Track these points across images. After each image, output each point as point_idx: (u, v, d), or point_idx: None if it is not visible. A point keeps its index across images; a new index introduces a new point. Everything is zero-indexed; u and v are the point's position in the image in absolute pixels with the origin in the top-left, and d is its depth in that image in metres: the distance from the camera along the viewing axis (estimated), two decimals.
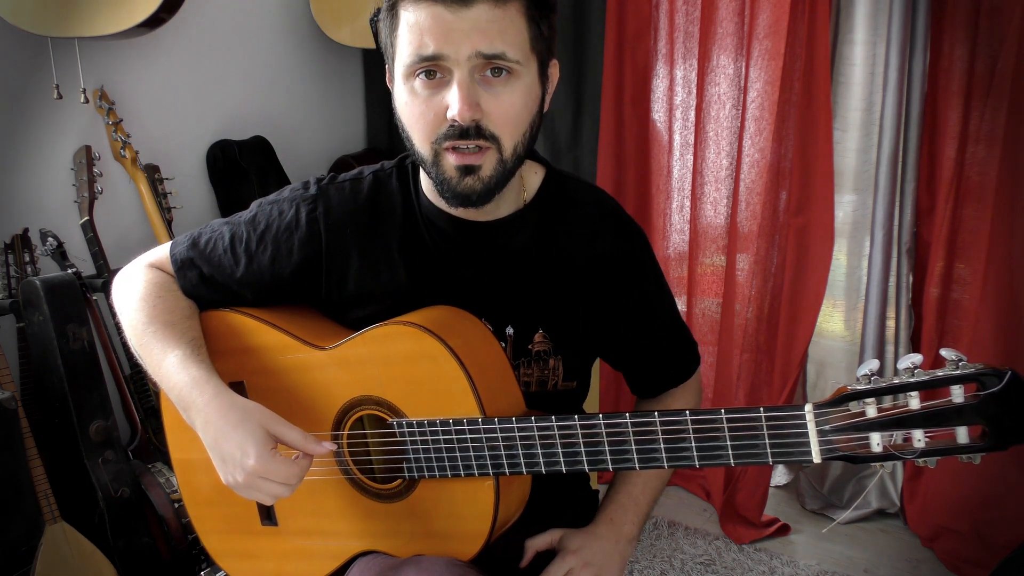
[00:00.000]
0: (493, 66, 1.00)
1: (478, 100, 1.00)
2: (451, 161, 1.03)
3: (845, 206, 2.46)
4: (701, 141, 2.58)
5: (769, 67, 2.36)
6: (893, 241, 2.38)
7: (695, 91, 2.57)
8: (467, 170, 1.03)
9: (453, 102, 0.99)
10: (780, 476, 2.77)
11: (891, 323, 2.45)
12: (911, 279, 2.41)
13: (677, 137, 2.67)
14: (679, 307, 1.31)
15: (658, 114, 2.67)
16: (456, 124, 1.00)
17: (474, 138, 1.01)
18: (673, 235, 2.74)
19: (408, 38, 1.00)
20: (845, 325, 2.60)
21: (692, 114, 2.60)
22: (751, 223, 2.48)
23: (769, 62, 2.35)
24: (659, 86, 2.65)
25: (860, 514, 2.55)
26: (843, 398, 0.86)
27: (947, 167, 2.22)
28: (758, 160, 2.44)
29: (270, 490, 1.03)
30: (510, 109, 1.02)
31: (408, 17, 1.00)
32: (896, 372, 0.84)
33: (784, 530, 2.51)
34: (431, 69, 1.00)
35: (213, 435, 1.05)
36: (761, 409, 0.90)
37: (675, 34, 2.58)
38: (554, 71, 1.11)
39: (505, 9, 0.99)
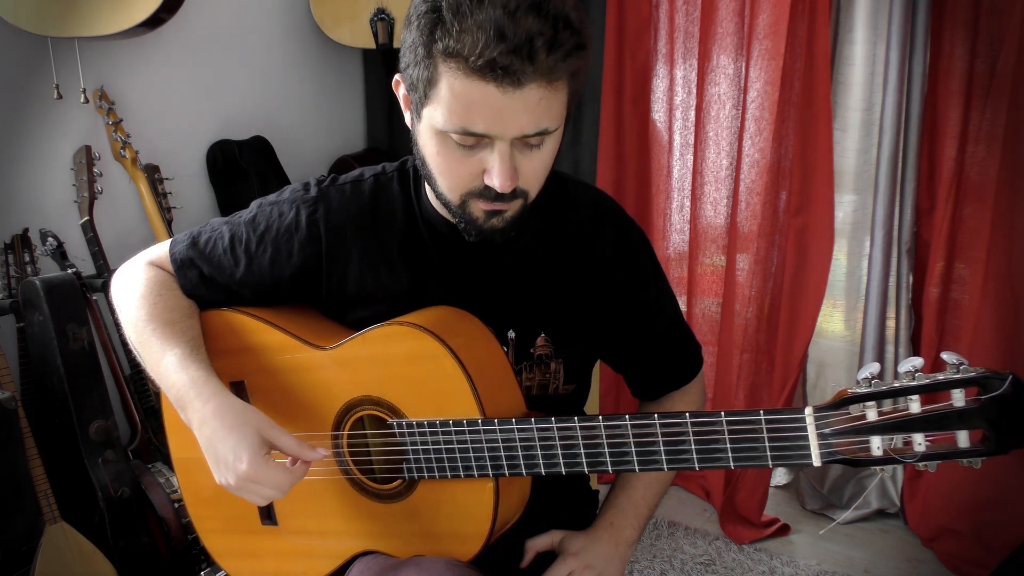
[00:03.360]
0: (535, 137, 0.99)
1: (517, 167, 1.00)
2: (480, 206, 1.04)
3: (845, 206, 2.46)
4: (701, 141, 2.58)
5: (769, 67, 2.35)
6: (893, 241, 2.38)
7: (695, 91, 2.57)
8: (494, 213, 1.05)
9: (494, 173, 0.99)
10: (780, 476, 2.77)
11: (891, 323, 2.45)
12: (911, 279, 2.41)
13: (677, 137, 2.67)
14: (679, 307, 1.31)
15: (658, 114, 2.67)
16: (493, 189, 1.00)
17: (508, 200, 1.03)
18: (673, 235, 2.74)
19: (452, 106, 0.96)
20: (845, 325, 2.60)
21: (692, 114, 2.60)
22: (751, 223, 2.48)
23: (769, 62, 2.35)
24: (659, 86, 2.65)
25: (860, 514, 2.55)
26: (843, 401, 0.86)
27: (947, 167, 2.22)
28: (758, 160, 2.44)
29: (262, 492, 1.03)
30: (541, 167, 1.03)
31: (453, 83, 0.94)
32: (897, 375, 0.84)
33: (784, 530, 2.51)
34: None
35: (208, 436, 1.05)
36: (761, 412, 0.89)
37: (675, 34, 2.58)
38: None
39: (553, 86, 0.96)
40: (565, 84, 0.98)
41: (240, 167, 2.53)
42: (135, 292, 1.19)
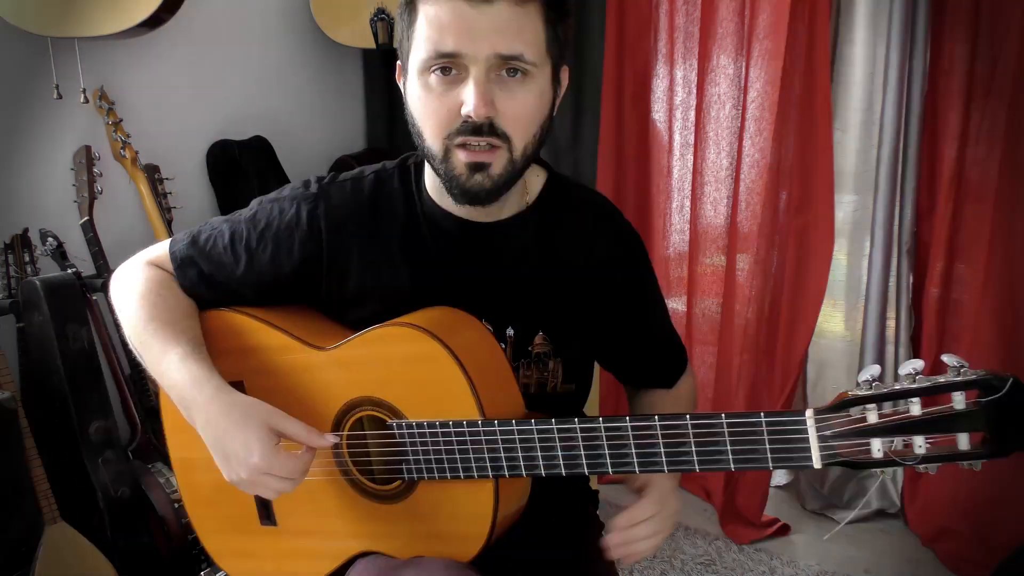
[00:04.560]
0: (510, 67, 1.01)
1: (493, 98, 1.01)
2: (461, 158, 1.03)
3: (845, 206, 2.47)
4: (701, 141, 2.58)
5: (769, 67, 2.35)
6: (893, 241, 2.38)
7: (695, 91, 2.57)
8: (477, 167, 1.04)
9: (468, 99, 1.00)
10: (780, 476, 2.77)
11: (891, 323, 2.45)
12: (911, 279, 2.41)
13: (677, 137, 2.67)
14: (679, 307, 1.32)
15: (658, 114, 2.67)
16: (470, 120, 1.01)
17: (487, 135, 1.02)
18: (673, 235, 2.73)
19: (427, 33, 1.01)
20: (845, 325, 2.60)
21: (692, 114, 2.60)
22: (751, 223, 2.47)
23: (769, 62, 2.35)
24: (659, 86, 2.65)
25: (860, 514, 2.55)
26: (844, 403, 0.86)
27: (947, 167, 2.22)
28: (758, 160, 2.43)
29: (274, 485, 1.03)
30: (523, 109, 1.03)
31: (427, 11, 1.00)
32: (897, 378, 0.84)
33: (784, 530, 2.51)
34: (447, 66, 1.01)
35: (215, 433, 1.05)
36: (762, 414, 0.89)
37: (675, 34, 2.58)
38: (564, 77, 1.11)
39: (525, 9, 0.99)
40: (539, 13, 1.01)
41: (240, 167, 2.53)
42: (135, 292, 1.19)
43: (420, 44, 1.02)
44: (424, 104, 1.04)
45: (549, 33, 1.03)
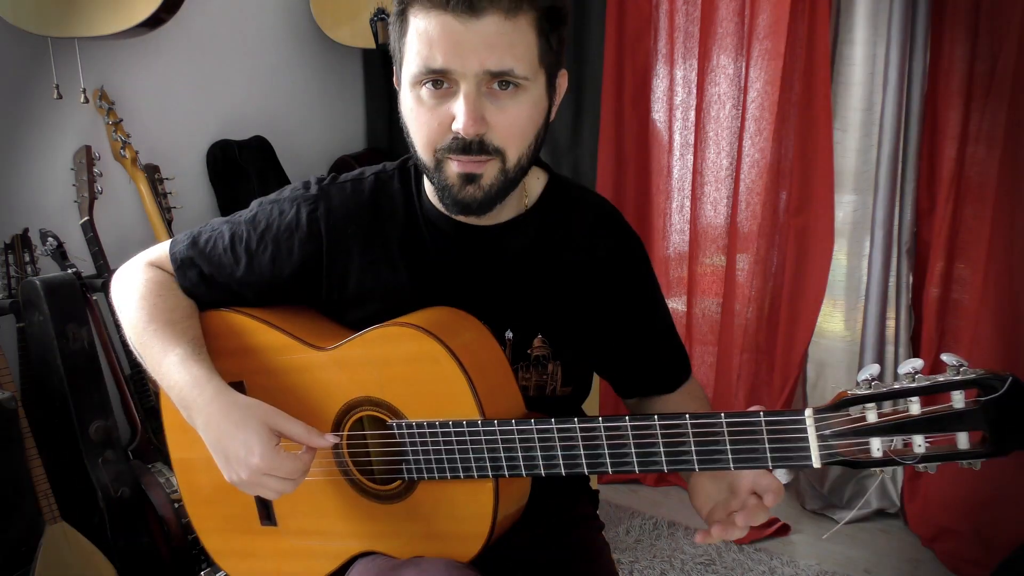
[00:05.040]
0: (501, 80, 1.00)
1: (483, 113, 1.00)
2: (454, 168, 1.03)
3: (845, 206, 2.47)
4: (701, 141, 2.58)
5: (769, 67, 2.36)
6: (893, 241, 2.38)
7: (695, 91, 2.57)
8: (468, 178, 1.03)
9: (459, 115, 0.99)
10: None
11: (891, 323, 2.45)
12: (911, 279, 2.41)
13: (677, 137, 2.67)
14: (679, 307, 1.31)
15: (658, 114, 2.67)
16: (460, 137, 1.00)
17: (477, 153, 1.02)
18: (673, 235, 2.74)
19: (417, 47, 1.00)
20: (845, 325, 2.60)
21: (692, 114, 2.60)
22: (751, 223, 2.48)
23: (769, 62, 2.35)
24: (659, 86, 2.65)
25: (860, 514, 2.55)
26: (843, 403, 0.86)
27: (947, 167, 2.22)
28: (758, 160, 2.44)
29: (275, 486, 1.04)
30: (515, 123, 1.02)
31: (417, 24, 0.99)
32: (897, 377, 0.84)
33: (784, 530, 2.51)
34: (438, 79, 1.00)
35: (216, 434, 1.05)
36: (761, 413, 0.89)
37: (675, 34, 2.58)
38: (562, 81, 1.10)
39: (515, 22, 0.98)
40: (531, 25, 1.00)
41: (240, 167, 2.53)
42: (135, 293, 1.19)
43: (411, 57, 1.01)
44: (416, 116, 1.04)
45: (542, 44, 1.02)
